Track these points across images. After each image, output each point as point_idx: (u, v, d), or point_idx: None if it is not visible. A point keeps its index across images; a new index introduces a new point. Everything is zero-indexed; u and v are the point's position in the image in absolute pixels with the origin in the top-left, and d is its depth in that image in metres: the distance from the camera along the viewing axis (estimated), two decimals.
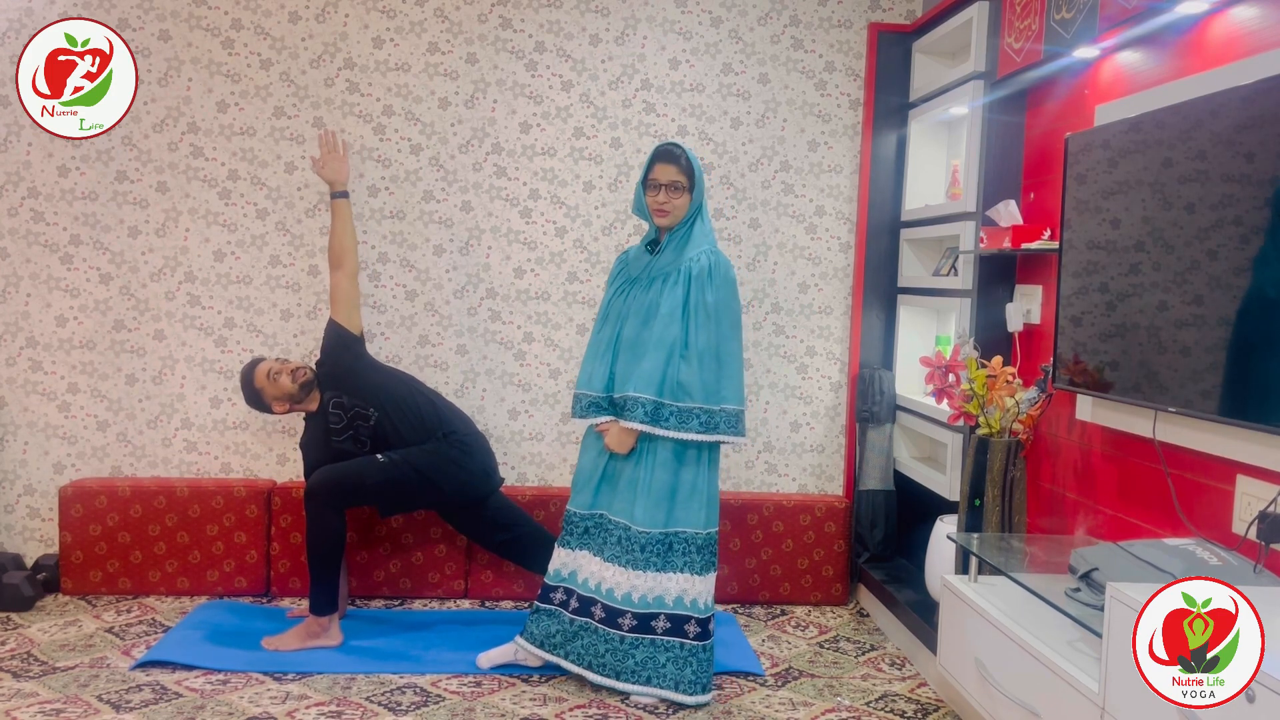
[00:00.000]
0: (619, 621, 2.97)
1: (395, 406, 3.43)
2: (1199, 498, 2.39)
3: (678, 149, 3.01)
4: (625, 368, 3.03)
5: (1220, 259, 2.17)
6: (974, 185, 3.37)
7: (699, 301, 2.95)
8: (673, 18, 4.00)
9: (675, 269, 3.00)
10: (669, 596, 2.97)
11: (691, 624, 2.97)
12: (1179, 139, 2.30)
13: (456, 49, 3.95)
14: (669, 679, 2.95)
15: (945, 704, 3.06)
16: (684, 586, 2.98)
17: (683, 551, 2.99)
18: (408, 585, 3.85)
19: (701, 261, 2.98)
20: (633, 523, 2.98)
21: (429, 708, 2.92)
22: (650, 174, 3.01)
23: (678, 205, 3.00)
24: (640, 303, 3.04)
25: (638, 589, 2.97)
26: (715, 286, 2.96)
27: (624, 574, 2.98)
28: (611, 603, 2.99)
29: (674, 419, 2.94)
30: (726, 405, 2.96)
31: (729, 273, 3.01)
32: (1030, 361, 3.21)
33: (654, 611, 2.97)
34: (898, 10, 4.06)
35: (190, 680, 3.04)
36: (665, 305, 2.96)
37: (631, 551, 2.98)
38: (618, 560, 3.00)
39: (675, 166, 2.99)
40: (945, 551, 3.24)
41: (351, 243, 3.53)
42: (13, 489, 3.93)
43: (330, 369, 3.48)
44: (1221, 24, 2.38)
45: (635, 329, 3.03)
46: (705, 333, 2.94)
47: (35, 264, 3.88)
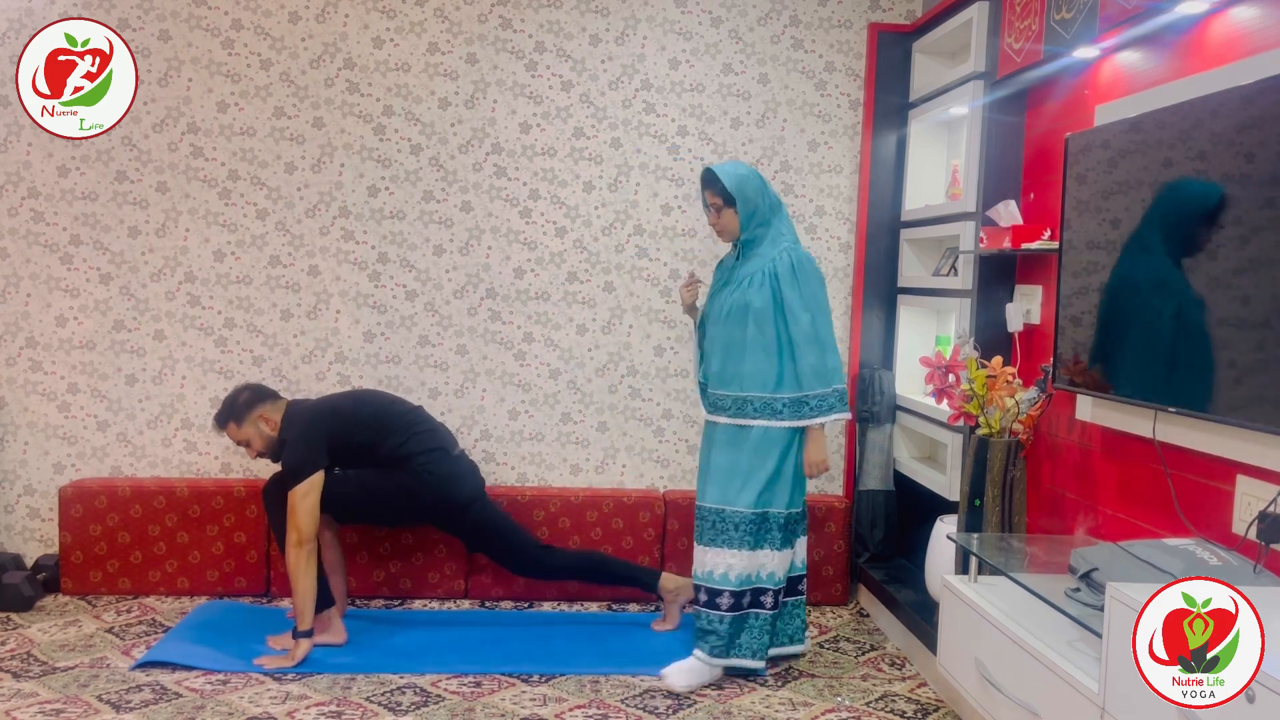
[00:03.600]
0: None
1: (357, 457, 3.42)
2: (1199, 498, 2.39)
3: (711, 174, 3.19)
4: (729, 367, 3.18)
5: (1220, 259, 2.17)
6: (974, 185, 3.37)
7: (789, 298, 3.12)
8: (673, 18, 4.00)
9: (760, 269, 3.16)
10: (764, 572, 3.18)
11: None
12: (1179, 139, 2.30)
13: (456, 49, 3.95)
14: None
15: (945, 704, 3.06)
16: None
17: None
18: (408, 585, 3.85)
19: (784, 259, 3.15)
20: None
21: (429, 708, 2.92)
22: (704, 199, 3.25)
23: (727, 221, 3.20)
24: (729, 304, 3.19)
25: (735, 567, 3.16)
26: (803, 279, 3.13)
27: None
28: (711, 583, 3.16)
29: (801, 408, 3.12)
30: (836, 385, 3.13)
31: (812, 264, 3.19)
32: (1030, 361, 3.21)
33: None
34: (898, 10, 4.06)
35: (190, 680, 3.04)
36: (757, 304, 3.13)
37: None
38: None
39: (711, 190, 3.20)
40: (945, 551, 3.24)
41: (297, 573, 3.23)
42: (13, 489, 3.93)
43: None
44: (1221, 24, 2.38)
45: (728, 330, 3.18)
46: (801, 321, 3.10)
47: (35, 264, 3.88)
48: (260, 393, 3.40)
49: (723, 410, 3.19)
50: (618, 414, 4.09)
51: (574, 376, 4.06)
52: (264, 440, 3.35)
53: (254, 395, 3.37)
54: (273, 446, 3.36)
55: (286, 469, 3.24)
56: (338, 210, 3.95)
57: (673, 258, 4.06)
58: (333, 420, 3.35)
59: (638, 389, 4.09)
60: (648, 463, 4.12)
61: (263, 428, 3.34)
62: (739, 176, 3.16)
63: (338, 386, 3.98)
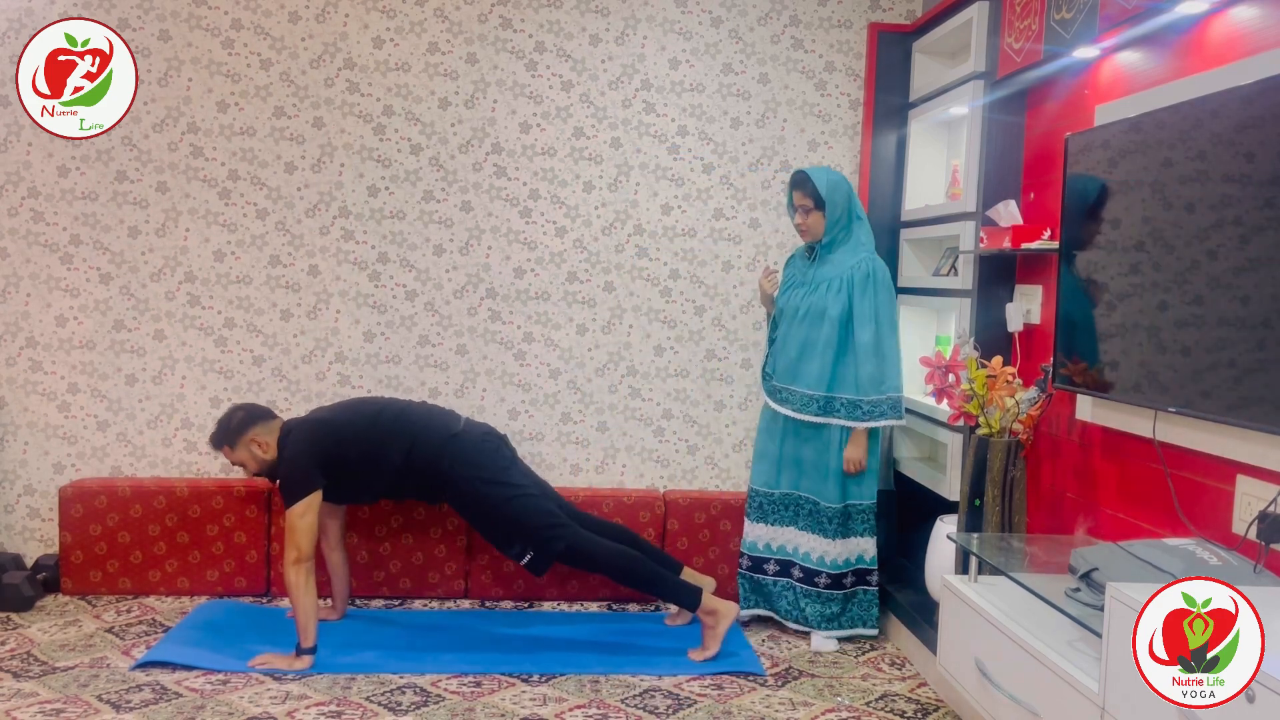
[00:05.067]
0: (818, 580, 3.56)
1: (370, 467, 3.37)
2: (1199, 498, 2.39)
3: (803, 176, 3.43)
4: (803, 365, 3.46)
5: (1220, 259, 2.17)
6: (974, 185, 3.37)
7: (860, 307, 3.39)
8: (673, 18, 4.00)
9: (838, 275, 3.42)
10: (852, 556, 3.55)
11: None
12: (1179, 139, 2.30)
13: (456, 49, 3.95)
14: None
15: (945, 704, 3.06)
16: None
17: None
18: (408, 585, 3.85)
19: (862, 269, 3.41)
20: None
21: (429, 708, 2.92)
22: (790, 199, 3.49)
23: (813, 223, 3.45)
24: (805, 305, 3.47)
25: (829, 553, 3.51)
26: (875, 290, 3.40)
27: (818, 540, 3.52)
28: (809, 564, 3.53)
29: (855, 411, 3.42)
30: (891, 394, 3.41)
31: (886, 276, 3.45)
32: (1030, 361, 3.21)
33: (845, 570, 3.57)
34: (898, 10, 4.06)
35: (190, 680, 3.04)
36: (833, 310, 3.41)
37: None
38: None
39: (801, 191, 3.44)
40: (945, 551, 3.24)
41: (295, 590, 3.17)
42: (13, 489, 3.93)
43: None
44: (1221, 24, 2.38)
45: (804, 330, 3.46)
46: (867, 331, 3.38)
47: (35, 264, 3.88)
48: (253, 414, 3.36)
49: (789, 404, 3.49)
50: (618, 414, 4.09)
51: (574, 376, 4.06)
52: (258, 463, 3.33)
53: (247, 416, 3.34)
54: (266, 467, 3.34)
55: (283, 489, 3.22)
56: (338, 210, 3.95)
57: (673, 258, 4.06)
58: (325, 437, 3.29)
59: (638, 389, 4.09)
60: (648, 463, 4.12)
61: (255, 450, 3.31)
62: (831, 182, 3.42)
63: (338, 386, 3.98)
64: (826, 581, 3.50)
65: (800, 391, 3.47)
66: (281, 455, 3.28)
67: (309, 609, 3.14)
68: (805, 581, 3.53)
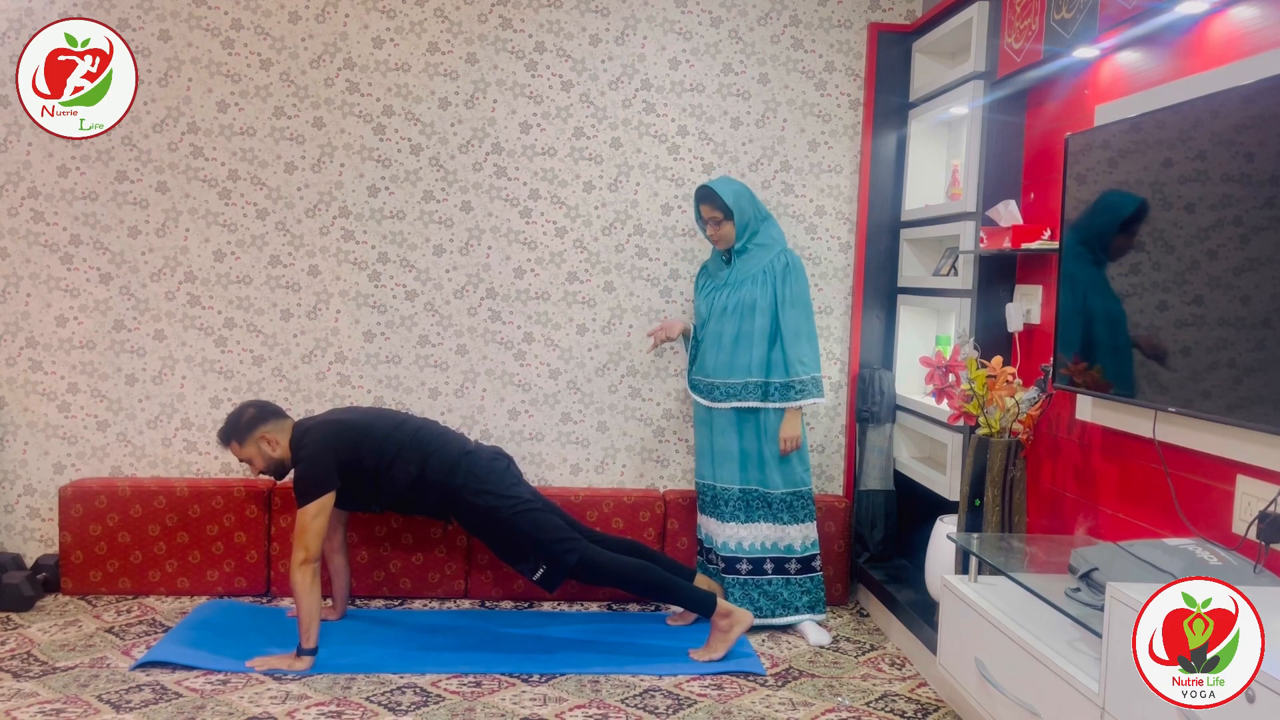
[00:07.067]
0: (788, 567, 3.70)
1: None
2: (1199, 498, 2.39)
3: (708, 190, 3.57)
4: (738, 357, 3.58)
5: (1220, 259, 2.17)
6: (974, 185, 3.37)
7: (783, 295, 3.57)
8: (673, 18, 4.00)
9: (760, 270, 3.58)
10: (787, 542, 3.66)
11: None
12: (1179, 139, 2.30)
13: (456, 49, 3.95)
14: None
15: (945, 704, 3.06)
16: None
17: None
18: (408, 585, 3.85)
19: (782, 260, 3.59)
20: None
21: (429, 708, 2.92)
22: (699, 213, 3.64)
23: (725, 233, 3.60)
24: (733, 301, 3.60)
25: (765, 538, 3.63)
26: (795, 279, 3.59)
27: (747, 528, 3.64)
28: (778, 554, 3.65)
29: (789, 392, 3.57)
30: (814, 373, 3.59)
31: (801, 266, 3.64)
32: (1030, 361, 3.21)
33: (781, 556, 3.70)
34: (898, 10, 4.06)
35: (190, 680, 3.04)
36: (761, 301, 3.56)
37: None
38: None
39: (709, 205, 3.58)
40: (945, 551, 3.24)
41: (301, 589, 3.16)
42: (13, 489, 3.93)
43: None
44: (1221, 24, 2.38)
45: (735, 324, 3.59)
46: (792, 317, 3.56)
47: (35, 264, 3.88)
48: (265, 411, 3.35)
49: (732, 397, 3.59)
50: (618, 414, 4.09)
51: (574, 376, 4.06)
52: (266, 460, 3.32)
53: (258, 414, 3.33)
54: (275, 466, 3.33)
55: (298, 489, 3.20)
56: (338, 210, 3.95)
57: (673, 258, 4.06)
58: (345, 440, 3.28)
59: (638, 389, 4.09)
60: (648, 463, 4.12)
61: (264, 448, 3.30)
62: (735, 192, 3.57)
63: (338, 386, 3.98)
64: (797, 567, 3.65)
65: (739, 382, 3.58)
66: (298, 454, 3.26)
67: (312, 610, 3.13)
68: (778, 571, 3.64)
